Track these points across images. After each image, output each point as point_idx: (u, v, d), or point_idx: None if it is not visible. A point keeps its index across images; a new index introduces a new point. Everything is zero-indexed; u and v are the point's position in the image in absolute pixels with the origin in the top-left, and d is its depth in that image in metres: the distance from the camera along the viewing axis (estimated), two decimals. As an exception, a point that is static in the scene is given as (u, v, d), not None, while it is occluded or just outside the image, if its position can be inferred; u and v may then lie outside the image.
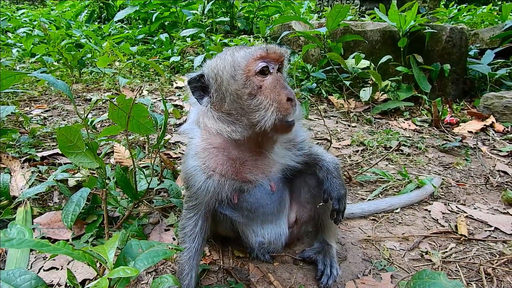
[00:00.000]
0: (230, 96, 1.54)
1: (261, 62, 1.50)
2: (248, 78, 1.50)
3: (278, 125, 1.49)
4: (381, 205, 2.55)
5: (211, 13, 7.32)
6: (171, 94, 4.84)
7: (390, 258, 2.07)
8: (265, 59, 1.51)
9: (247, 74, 1.50)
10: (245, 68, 1.50)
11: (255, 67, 1.50)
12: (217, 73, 1.57)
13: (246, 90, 1.50)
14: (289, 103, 1.48)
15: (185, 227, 1.73)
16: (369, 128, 4.21)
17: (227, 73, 1.53)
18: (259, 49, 1.52)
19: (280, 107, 1.48)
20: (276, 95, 1.48)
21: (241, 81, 1.50)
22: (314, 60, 5.51)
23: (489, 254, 2.12)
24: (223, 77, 1.54)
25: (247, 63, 1.50)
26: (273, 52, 1.53)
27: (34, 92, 4.59)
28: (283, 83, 1.53)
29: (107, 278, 0.88)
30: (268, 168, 1.72)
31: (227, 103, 1.56)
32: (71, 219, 1.92)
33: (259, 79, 1.51)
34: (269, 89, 1.50)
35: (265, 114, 1.48)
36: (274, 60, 1.54)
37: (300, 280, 1.90)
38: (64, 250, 0.91)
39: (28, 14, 9.46)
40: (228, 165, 1.64)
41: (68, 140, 1.73)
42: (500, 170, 3.24)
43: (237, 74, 1.51)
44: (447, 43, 4.97)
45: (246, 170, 1.67)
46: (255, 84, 1.50)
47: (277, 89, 1.49)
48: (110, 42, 5.67)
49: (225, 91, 1.55)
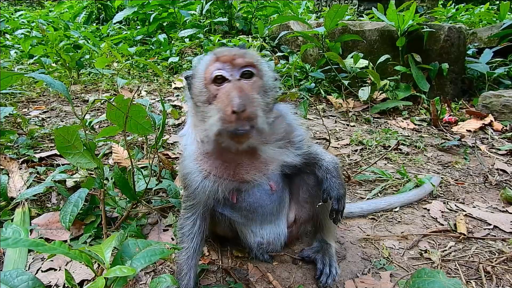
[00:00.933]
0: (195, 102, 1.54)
1: (216, 70, 1.43)
2: (205, 86, 1.46)
3: (225, 135, 1.40)
4: (380, 204, 2.54)
5: (210, 13, 7.33)
6: (170, 95, 4.84)
7: (389, 257, 2.07)
8: (220, 64, 1.44)
9: (204, 82, 1.46)
10: (202, 76, 1.47)
11: (210, 75, 1.44)
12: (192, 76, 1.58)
13: (202, 98, 1.47)
14: (233, 116, 1.33)
15: (183, 227, 1.72)
16: (368, 127, 4.21)
17: (194, 79, 1.53)
18: (212, 54, 1.46)
19: (224, 118, 1.35)
20: (224, 105, 1.36)
21: (199, 89, 1.48)
22: (313, 60, 5.51)
23: (488, 252, 2.12)
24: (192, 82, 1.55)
25: (204, 70, 1.47)
26: (221, 55, 1.45)
27: (32, 93, 4.59)
28: (241, 92, 1.36)
29: (103, 278, 0.88)
30: (265, 167, 1.70)
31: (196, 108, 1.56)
32: (69, 219, 1.92)
33: (214, 87, 1.43)
34: (220, 98, 1.40)
35: (210, 123, 1.40)
36: (227, 63, 1.44)
37: (299, 280, 1.90)
38: (60, 249, 0.90)
39: (26, 16, 9.45)
40: (223, 169, 1.63)
41: (66, 140, 1.72)
42: (499, 169, 3.24)
43: (197, 81, 1.50)
44: (445, 42, 4.97)
45: (242, 171, 1.66)
46: (211, 93, 1.44)
47: (227, 99, 1.35)
48: (108, 43, 5.67)
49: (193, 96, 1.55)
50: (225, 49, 1.49)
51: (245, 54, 1.47)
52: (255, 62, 1.48)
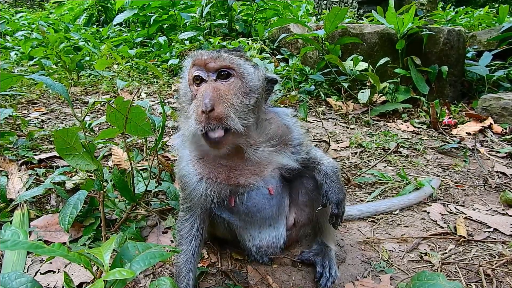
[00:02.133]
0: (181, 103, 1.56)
1: (195, 70, 1.46)
2: (188, 86, 1.49)
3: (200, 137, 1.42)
4: (380, 206, 2.54)
5: (210, 16, 7.34)
6: (170, 97, 4.84)
7: (389, 259, 2.07)
8: (197, 66, 1.46)
9: (187, 82, 1.49)
10: (186, 76, 1.50)
11: (191, 75, 1.47)
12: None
13: (185, 98, 1.50)
14: (203, 116, 1.34)
15: (182, 229, 1.72)
16: (368, 130, 4.21)
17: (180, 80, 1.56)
18: (192, 56, 1.48)
19: (197, 118, 1.37)
20: (197, 105, 1.38)
21: (182, 89, 1.51)
22: (313, 62, 5.52)
23: (488, 255, 2.12)
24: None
25: (188, 71, 1.50)
26: (196, 58, 1.47)
27: (32, 95, 4.59)
28: (211, 93, 1.37)
29: (102, 280, 0.87)
30: (260, 169, 1.69)
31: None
32: (68, 221, 1.91)
33: (195, 87, 1.46)
34: (196, 98, 1.42)
35: (188, 125, 1.41)
36: (201, 66, 1.45)
37: (299, 282, 1.89)
38: (59, 252, 0.90)
39: (27, 18, 9.46)
40: (217, 173, 1.63)
41: (65, 142, 1.72)
42: (498, 171, 3.24)
43: (182, 82, 1.52)
44: (445, 45, 4.98)
45: (237, 175, 1.65)
46: (192, 93, 1.47)
47: (199, 99, 1.38)
48: (109, 45, 5.67)
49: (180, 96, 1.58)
50: (199, 53, 1.47)
51: (217, 58, 1.45)
52: (230, 64, 1.46)
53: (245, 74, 1.49)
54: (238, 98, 1.44)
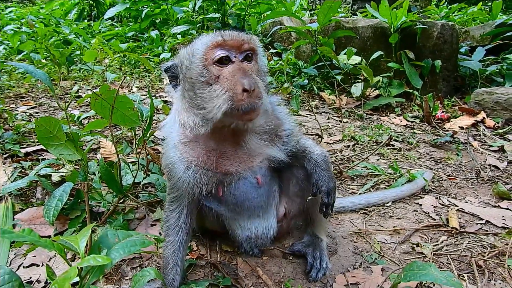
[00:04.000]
0: (189, 85, 1.49)
1: (219, 51, 1.43)
2: (205, 67, 1.44)
3: (233, 114, 1.40)
4: (372, 198, 2.52)
5: (202, 10, 7.25)
6: (161, 91, 4.78)
7: (381, 251, 2.04)
8: (224, 47, 1.43)
9: (204, 63, 1.44)
10: (202, 57, 1.45)
11: (213, 56, 1.43)
12: (182, 61, 1.52)
13: (202, 79, 1.44)
14: (244, 94, 1.37)
15: (169, 219, 1.68)
16: (361, 124, 4.18)
17: (187, 61, 1.49)
18: (216, 36, 1.45)
19: (234, 97, 1.38)
20: (232, 84, 1.38)
21: (197, 70, 1.45)
22: (306, 56, 5.48)
23: (480, 246, 2.10)
24: (184, 65, 1.50)
25: (204, 51, 1.44)
26: (230, 38, 1.44)
27: (21, 89, 4.50)
28: (245, 73, 1.41)
29: (76, 267, 0.83)
30: (249, 159, 1.67)
31: (189, 92, 1.50)
32: (53, 214, 1.86)
33: (217, 68, 1.43)
34: (226, 78, 1.41)
35: (216, 103, 1.40)
36: (234, 47, 1.45)
37: (289, 274, 1.86)
38: (29, 237, 0.85)
39: (16, 12, 9.30)
40: (205, 158, 1.59)
41: (48, 131, 1.66)
42: (491, 165, 3.23)
43: (193, 63, 1.46)
44: (438, 39, 4.97)
45: (226, 162, 1.62)
46: (212, 74, 1.43)
47: (234, 79, 1.39)
48: (99, 39, 5.58)
49: (188, 80, 1.50)
50: (233, 33, 1.47)
51: (250, 40, 1.49)
52: (256, 47, 1.53)
53: (260, 57, 1.58)
54: (260, 79, 1.48)
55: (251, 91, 1.36)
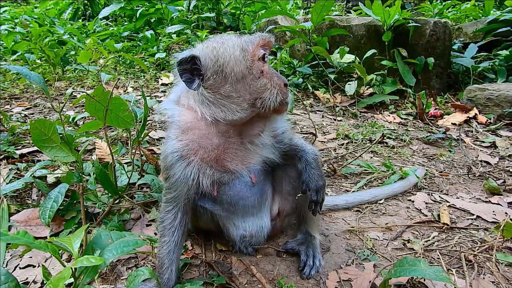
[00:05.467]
0: (235, 78, 1.57)
1: (262, 49, 1.62)
2: (254, 62, 1.59)
3: (279, 105, 1.62)
4: (365, 196, 2.55)
5: (197, 9, 7.26)
6: (156, 91, 4.79)
7: (373, 248, 2.08)
8: (265, 47, 1.63)
9: (252, 58, 1.59)
10: (251, 53, 1.59)
11: (259, 53, 1.60)
12: (220, 56, 1.57)
13: (252, 71, 1.58)
14: (285, 88, 1.64)
15: (164, 220, 1.70)
16: (355, 122, 4.22)
17: (234, 56, 1.57)
18: (263, 37, 1.64)
19: (281, 90, 1.62)
20: (277, 80, 1.62)
21: (247, 64, 1.58)
22: (300, 55, 5.50)
23: (470, 241, 2.14)
24: (229, 59, 1.57)
25: (253, 48, 1.59)
26: (270, 40, 1.66)
27: (15, 90, 4.50)
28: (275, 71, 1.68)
29: (70, 268, 0.85)
30: (248, 159, 1.71)
31: (229, 84, 1.57)
32: (48, 215, 1.88)
33: (260, 64, 1.61)
34: (269, 74, 1.62)
35: (271, 95, 1.60)
36: (269, 48, 1.66)
37: (283, 272, 1.89)
38: (25, 239, 0.87)
39: (10, 12, 9.25)
40: (210, 149, 1.63)
41: (42, 133, 1.68)
42: (482, 160, 3.28)
43: (244, 57, 1.58)
44: (431, 37, 5.01)
45: (227, 158, 1.66)
46: (258, 68, 1.60)
47: (275, 75, 1.64)
48: (94, 39, 5.57)
49: (230, 72, 1.56)
50: (270, 36, 1.67)
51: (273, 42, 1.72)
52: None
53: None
54: None
55: (287, 85, 1.66)
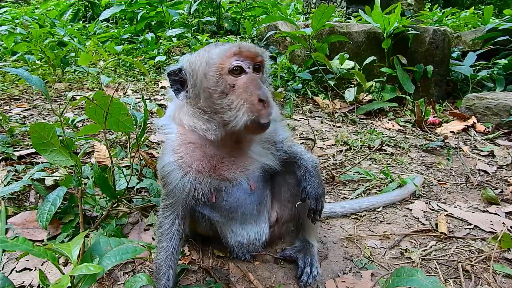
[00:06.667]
0: (204, 93, 1.51)
1: (235, 61, 1.46)
2: (221, 76, 1.47)
3: (250, 126, 1.45)
4: (364, 204, 2.55)
5: (198, 13, 7.28)
6: (156, 94, 4.79)
7: (370, 256, 2.08)
8: (239, 57, 1.47)
9: (220, 72, 1.47)
10: (218, 66, 1.47)
11: (229, 65, 1.46)
12: (194, 69, 1.54)
13: (218, 89, 1.47)
14: (261, 105, 1.42)
15: (162, 226, 1.70)
16: (354, 128, 4.23)
17: (201, 70, 1.50)
18: (233, 46, 1.48)
19: (252, 108, 1.42)
20: (248, 95, 1.43)
21: (213, 79, 1.47)
22: (300, 61, 5.52)
23: (468, 251, 2.14)
24: (198, 73, 1.52)
25: (220, 61, 1.47)
26: (246, 50, 1.48)
27: (15, 91, 4.49)
28: (258, 83, 1.46)
29: (69, 276, 0.85)
30: (246, 166, 1.70)
31: (202, 100, 1.53)
32: (46, 218, 1.87)
33: (232, 78, 1.46)
34: (241, 88, 1.45)
35: (237, 115, 1.44)
36: (248, 58, 1.49)
37: (281, 279, 1.89)
38: (24, 246, 0.87)
39: (11, 13, 9.25)
40: (205, 161, 1.61)
41: (42, 137, 1.68)
42: (480, 169, 3.29)
43: (209, 72, 1.48)
44: (430, 45, 5.04)
45: (224, 168, 1.65)
46: (227, 83, 1.46)
47: (250, 89, 1.43)
48: (94, 41, 5.58)
49: (199, 87, 1.52)
50: (248, 45, 1.52)
51: (263, 53, 1.57)
52: (266, 60, 1.59)
53: (267, 69, 1.64)
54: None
55: (266, 101, 1.42)
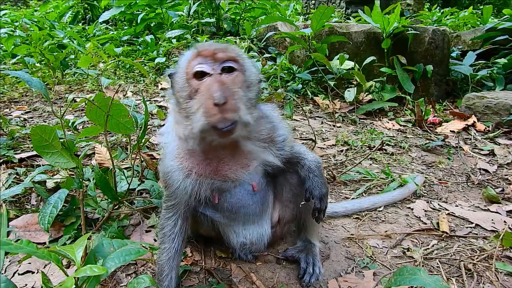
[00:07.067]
0: (178, 99, 1.51)
1: (197, 64, 1.41)
2: (187, 81, 1.43)
3: (208, 130, 1.37)
4: (365, 203, 2.55)
5: (197, 14, 7.29)
6: (156, 96, 4.79)
7: (372, 255, 2.08)
8: (201, 58, 1.42)
9: (186, 77, 1.44)
10: (184, 70, 1.45)
11: (191, 69, 1.42)
12: (174, 73, 1.54)
13: (184, 93, 1.44)
14: (215, 109, 1.31)
15: (164, 227, 1.70)
16: (354, 128, 4.23)
17: (176, 75, 1.50)
18: (194, 49, 1.44)
19: (206, 112, 1.33)
20: (205, 98, 1.34)
21: (180, 84, 1.46)
22: (300, 61, 5.53)
23: (469, 250, 2.15)
24: (175, 79, 1.52)
25: (185, 65, 1.44)
26: (204, 49, 1.43)
27: (15, 94, 4.49)
28: (221, 85, 1.35)
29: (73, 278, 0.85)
30: (247, 163, 1.69)
31: (178, 106, 1.53)
32: (48, 221, 1.87)
33: (196, 82, 1.41)
34: (202, 92, 1.37)
35: (194, 119, 1.37)
36: (209, 58, 1.42)
37: (283, 279, 1.89)
38: (27, 249, 0.87)
39: (10, 15, 9.25)
40: (205, 165, 1.61)
41: (43, 139, 1.68)
42: (481, 168, 3.29)
43: (177, 76, 1.48)
44: (430, 45, 5.05)
45: (225, 168, 1.65)
46: (192, 87, 1.41)
47: (208, 93, 1.34)
48: (94, 43, 5.58)
49: (176, 93, 1.52)
50: (207, 44, 1.47)
51: (226, 49, 1.45)
52: (237, 56, 1.47)
53: (246, 68, 1.50)
54: (243, 91, 1.43)
55: (221, 105, 1.30)
